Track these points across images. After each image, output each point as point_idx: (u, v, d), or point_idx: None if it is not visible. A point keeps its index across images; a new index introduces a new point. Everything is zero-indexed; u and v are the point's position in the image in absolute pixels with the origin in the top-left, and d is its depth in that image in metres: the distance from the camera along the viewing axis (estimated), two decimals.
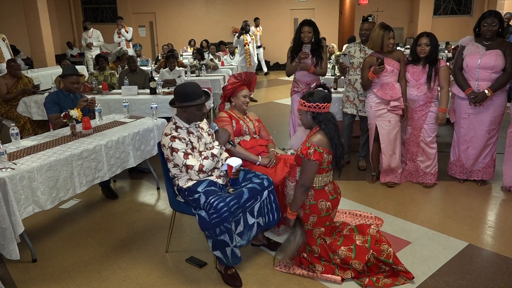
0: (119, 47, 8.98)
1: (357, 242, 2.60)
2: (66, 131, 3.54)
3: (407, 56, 3.89)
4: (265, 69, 12.35)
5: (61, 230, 3.28)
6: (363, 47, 4.09)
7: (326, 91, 2.64)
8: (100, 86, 5.56)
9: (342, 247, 2.58)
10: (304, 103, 2.49)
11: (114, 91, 5.63)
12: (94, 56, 8.58)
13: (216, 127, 2.79)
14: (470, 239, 2.96)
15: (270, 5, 13.20)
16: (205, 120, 2.85)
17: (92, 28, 10.20)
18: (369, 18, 4.13)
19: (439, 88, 3.74)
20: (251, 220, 2.61)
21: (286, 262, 2.64)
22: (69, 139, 3.28)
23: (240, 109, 3.16)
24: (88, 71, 8.99)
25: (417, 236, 3.03)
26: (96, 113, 3.91)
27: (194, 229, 3.20)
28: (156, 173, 4.09)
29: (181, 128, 2.65)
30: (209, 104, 5.69)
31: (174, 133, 2.60)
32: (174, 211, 2.84)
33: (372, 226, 2.76)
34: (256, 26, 11.69)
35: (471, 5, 12.90)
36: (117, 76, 6.21)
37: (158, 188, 4.04)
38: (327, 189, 2.58)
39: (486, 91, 3.55)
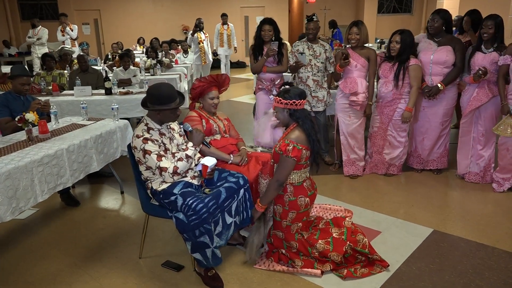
0: (62, 46, 8.51)
1: (334, 235, 2.66)
2: (20, 136, 3.29)
3: (384, 52, 4.01)
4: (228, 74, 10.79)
5: (21, 242, 3.06)
6: (311, 45, 4.21)
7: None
8: (50, 87, 5.24)
9: (320, 241, 2.63)
10: (280, 100, 2.49)
11: (65, 92, 5.33)
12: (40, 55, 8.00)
13: (190, 128, 2.72)
14: (434, 225, 3.13)
15: (220, 3, 13.10)
16: None
17: (40, 26, 9.50)
18: (313, 17, 4.24)
19: None
20: (229, 220, 2.57)
21: (254, 257, 2.65)
22: (25, 145, 3.05)
23: (208, 110, 3.12)
24: (33, 71, 8.42)
25: (386, 225, 3.15)
26: (52, 116, 3.67)
27: (166, 232, 3.12)
28: (119, 177, 3.92)
29: (153, 129, 2.56)
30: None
31: (147, 135, 2.50)
32: (147, 215, 2.74)
33: (347, 219, 2.84)
34: (223, 23, 9.50)
35: (412, 4, 13.62)
36: (66, 76, 5.88)
37: (122, 192, 3.88)
38: (305, 185, 2.61)
39: (439, 85, 3.76)
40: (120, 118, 4.05)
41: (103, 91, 5.12)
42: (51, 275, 2.64)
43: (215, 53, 9.85)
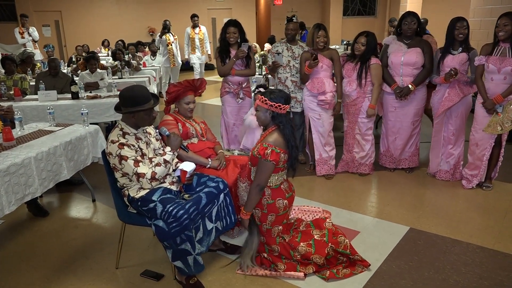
0: (23, 49, 8.13)
1: (316, 237, 2.66)
2: None
3: (347, 52, 4.11)
4: None
5: None
6: (290, 46, 4.23)
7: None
8: (11, 92, 4.98)
9: (302, 243, 2.62)
10: (265, 100, 2.46)
11: (28, 97, 5.09)
12: None
13: (167, 132, 2.64)
14: (410, 223, 3.20)
15: (186, 5, 12.94)
16: None
17: None
18: (293, 18, 4.27)
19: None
20: (209, 226, 2.53)
21: (249, 264, 2.60)
22: None
23: (184, 115, 3.06)
24: None
25: (364, 225, 3.19)
26: (16, 122, 3.49)
27: (143, 240, 3.02)
28: (90, 184, 3.77)
29: (128, 134, 2.47)
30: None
31: (122, 140, 2.41)
32: (124, 223, 2.64)
33: (327, 220, 2.85)
34: (194, 26, 8.45)
35: (375, 7, 13.98)
36: (29, 80, 5.62)
37: (93, 200, 3.72)
38: (283, 187, 2.59)
39: (410, 86, 3.86)
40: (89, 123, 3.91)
41: (69, 95, 4.93)
42: None
43: (187, 63, 8.88)
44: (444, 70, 3.68)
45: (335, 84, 4.03)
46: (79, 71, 6.69)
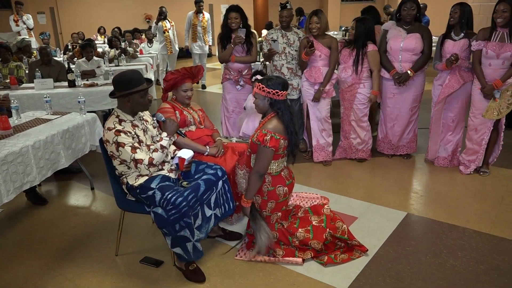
0: (21, 37, 8.06)
1: (314, 223, 2.68)
2: None
3: (345, 38, 4.09)
4: (204, 80, 8.43)
5: None
6: (285, 33, 4.19)
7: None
8: (7, 81, 4.94)
9: (300, 229, 2.64)
10: (263, 87, 2.45)
11: (24, 85, 5.05)
12: None
13: (163, 118, 2.63)
14: (407, 209, 3.22)
15: None
16: (147, 112, 2.69)
17: None
18: (287, 5, 4.23)
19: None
20: (208, 212, 2.54)
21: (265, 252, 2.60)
22: None
23: (182, 102, 3.04)
24: None
25: (362, 211, 3.21)
26: (13, 111, 3.47)
27: (142, 228, 3.04)
28: (88, 172, 3.77)
29: (124, 121, 2.46)
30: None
31: (119, 127, 2.40)
32: (123, 211, 2.65)
33: (325, 206, 2.86)
34: (197, 12, 7.68)
35: None
36: (25, 68, 5.57)
37: (92, 188, 3.73)
38: (283, 174, 2.60)
39: (409, 72, 3.84)
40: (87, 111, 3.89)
41: (65, 84, 4.90)
42: (21, 278, 2.51)
43: (187, 51, 8.18)
44: (445, 56, 3.66)
45: (335, 72, 4.02)
46: (76, 58, 6.64)
